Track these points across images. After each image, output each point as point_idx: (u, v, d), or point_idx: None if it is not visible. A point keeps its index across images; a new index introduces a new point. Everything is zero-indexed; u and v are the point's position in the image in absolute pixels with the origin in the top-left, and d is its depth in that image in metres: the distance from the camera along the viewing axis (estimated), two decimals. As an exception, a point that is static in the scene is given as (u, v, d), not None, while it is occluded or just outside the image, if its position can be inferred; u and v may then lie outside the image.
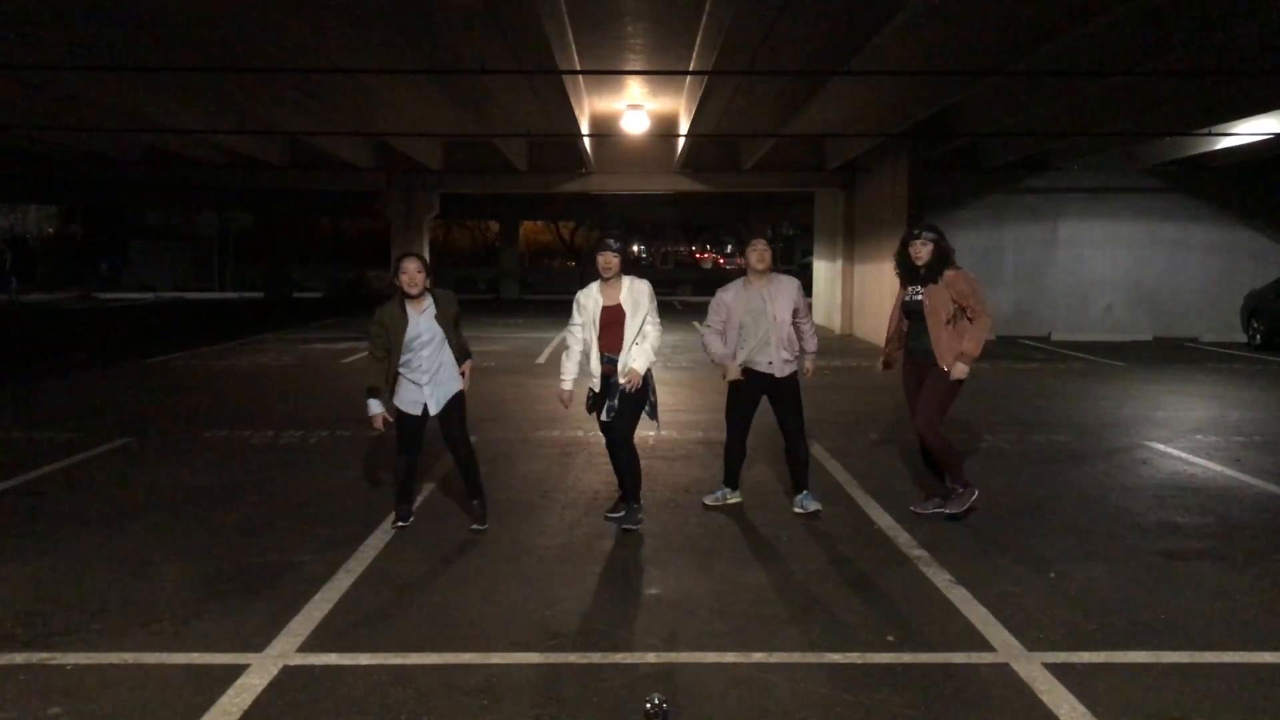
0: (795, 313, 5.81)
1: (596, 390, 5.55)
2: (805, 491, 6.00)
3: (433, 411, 5.48)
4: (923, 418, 5.69)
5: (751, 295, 5.80)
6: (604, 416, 5.48)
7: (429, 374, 5.42)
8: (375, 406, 5.49)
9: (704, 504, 6.14)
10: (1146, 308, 19.53)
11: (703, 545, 5.39)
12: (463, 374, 5.58)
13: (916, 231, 5.78)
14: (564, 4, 9.70)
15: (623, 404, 5.45)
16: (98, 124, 13.83)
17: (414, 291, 5.37)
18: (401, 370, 5.43)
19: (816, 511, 5.89)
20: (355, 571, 4.89)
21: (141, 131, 14.89)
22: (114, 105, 12.64)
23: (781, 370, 5.75)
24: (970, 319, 5.60)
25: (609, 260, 5.42)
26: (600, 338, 5.48)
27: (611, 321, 5.46)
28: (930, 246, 5.65)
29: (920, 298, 5.68)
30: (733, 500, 6.17)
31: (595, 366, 5.51)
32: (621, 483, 5.71)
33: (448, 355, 5.48)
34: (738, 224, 43.05)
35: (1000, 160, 18.31)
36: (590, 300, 5.52)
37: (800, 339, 5.88)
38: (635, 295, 5.47)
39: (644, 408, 5.56)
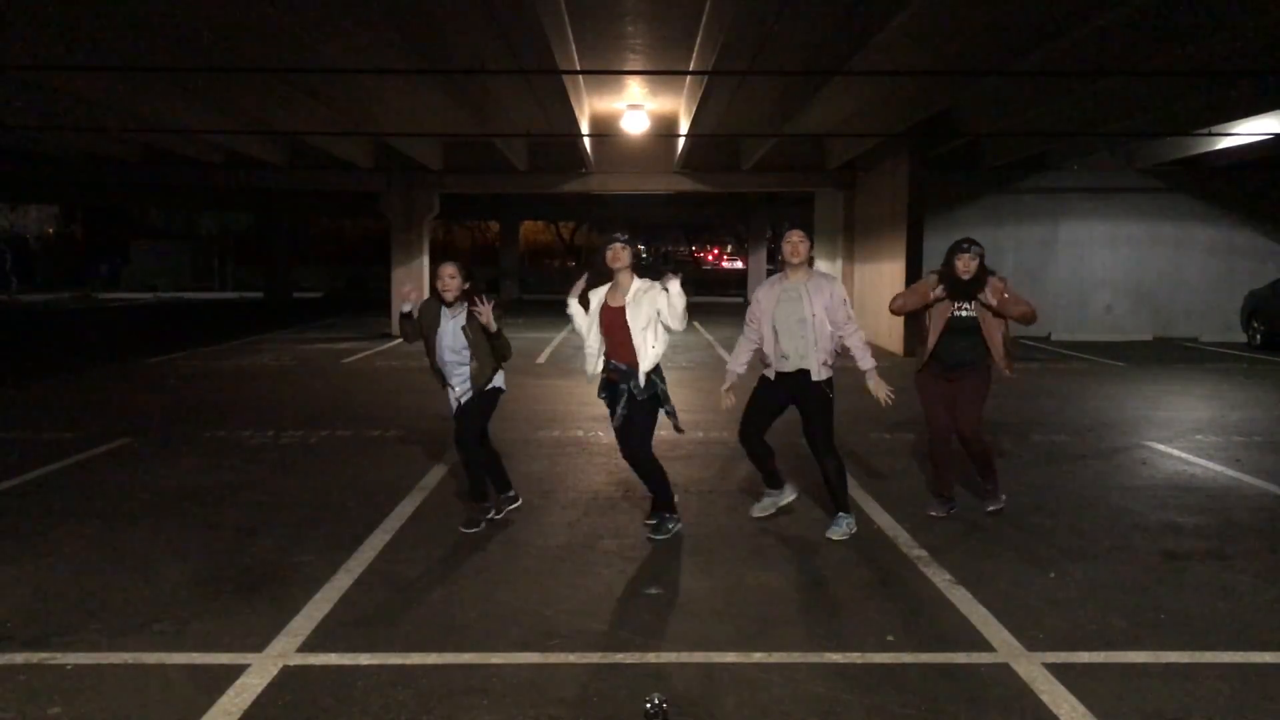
0: (835, 321, 5.31)
1: (604, 392, 5.37)
2: (841, 513, 5.51)
3: (461, 400, 5.51)
4: (973, 422, 5.74)
5: (787, 291, 5.36)
6: (615, 423, 5.33)
7: (457, 378, 5.48)
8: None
9: (754, 516, 5.71)
10: (1146, 308, 19.53)
11: (703, 545, 5.38)
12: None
13: (965, 245, 5.58)
14: (564, 4, 9.70)
15: (633, 417, 5.22)
16: (98, 124, 13.81)
17: (448, 297, 5.39)
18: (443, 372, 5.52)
19: (845, 538, 5.43)
20: (355, 572, 4.89)
21: (141, 131, 14.87)
22: (114, 105, 12.61)
23: (819, 374, 5.27)
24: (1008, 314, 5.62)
25: (617, 252, 5.19)
26: (606, 342, 5.23)
27: (613, 325, 5.17)
28: (977, 261, 5.56)
29: (971, 314, 5.59)
30: (787, 500, 5.75)
31: (600, 364, 5.29)
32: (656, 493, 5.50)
33: (476, 364, 5.42)
34: (738, 224, 43.08)
35: (1000, 160, 18.31)
36: (594, 298, 5.30)
37: (851, 352, 5.38)
38: (640, 299, 5.12)
39: (655, 421, 5.31)
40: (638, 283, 5.22)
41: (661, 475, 5.43)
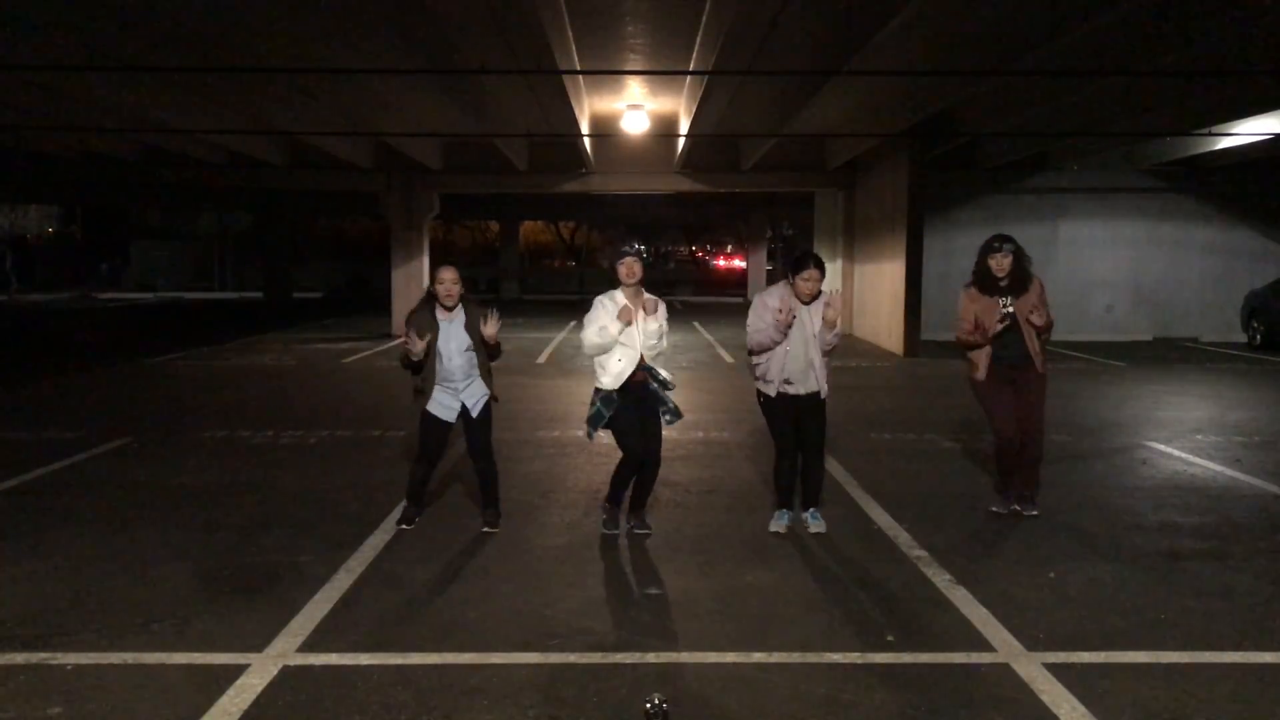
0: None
1: (609, 397, 5.29)
2: (814, 509, 5.71)
3: (474, 415, 5.48)
4: (1040, 425, 5.83)
5: (798, 314, 5.42)
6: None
7: (465, 380, 5.44)
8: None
9: (775, 532, 5.58)
10: (1146, 308, 19.52)
11: (703, 545, 5.39)
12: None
13: (997, 244, 5.69)
14: (564, 4, 9.70)
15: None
16: (98, 124, 13.81)
17: (450, 304, 5.39)
18: (438, 380, 5.42)
19: (820, 532, 5.58)
20: (355, 571, 4.89)
21: (141, 131, 14.88)
22: (114, 105, 12.62)
23: (824, 393, 5.54)
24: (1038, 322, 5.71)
25: (632, 267, 5.28)
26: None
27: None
28: (1010, 258, 5.64)
29: (1012, 310, 5.66)
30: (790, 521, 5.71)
31: (618, 368, 5.26)
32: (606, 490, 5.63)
33: (480, 361, 5.45)
34: (738, 224, 43.07)
35: (1000, 160, 18.29)
36: (615, 307, 5.28)
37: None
38: (657, 315, 5.38)
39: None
40: (649, 297, 5.45)
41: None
